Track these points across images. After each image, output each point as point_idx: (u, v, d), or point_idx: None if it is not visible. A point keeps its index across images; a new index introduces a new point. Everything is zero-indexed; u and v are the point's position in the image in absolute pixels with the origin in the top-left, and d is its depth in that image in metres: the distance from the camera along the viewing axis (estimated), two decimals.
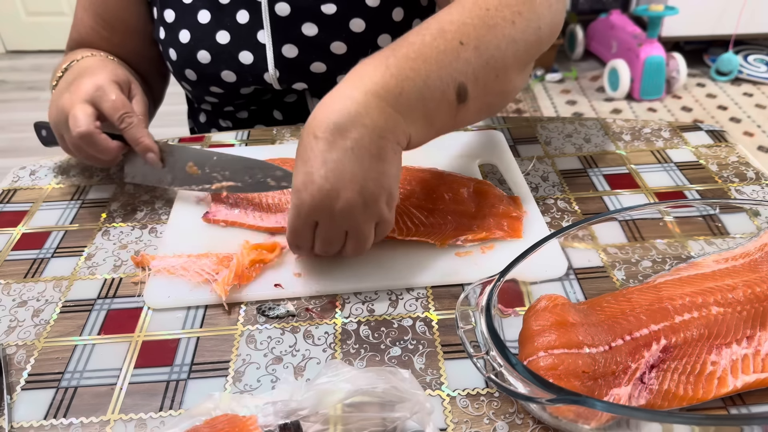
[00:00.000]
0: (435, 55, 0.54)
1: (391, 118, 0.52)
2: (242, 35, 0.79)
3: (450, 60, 0.55)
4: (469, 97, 0.57)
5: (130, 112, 0.65)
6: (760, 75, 2.85)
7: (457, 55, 0.55)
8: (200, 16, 0.79)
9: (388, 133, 0.52)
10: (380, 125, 0.51)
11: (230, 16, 0.79)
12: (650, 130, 0.80)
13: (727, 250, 0.56)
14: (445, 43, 0.55)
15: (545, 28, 0.62)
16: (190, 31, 0.80)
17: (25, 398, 0.49)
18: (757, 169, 0.71)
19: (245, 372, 0.50)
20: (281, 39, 0.78)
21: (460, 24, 0.56)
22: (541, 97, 2.82)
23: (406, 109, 0.53)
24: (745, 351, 0.46)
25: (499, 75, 0.59)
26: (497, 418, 0.46)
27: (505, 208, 0.63)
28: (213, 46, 0.80)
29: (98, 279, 0.60)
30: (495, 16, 0.57)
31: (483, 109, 0.61)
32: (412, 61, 0.53)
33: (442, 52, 0.55)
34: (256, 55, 0.79)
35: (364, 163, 0.50)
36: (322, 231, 0.54)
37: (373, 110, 0.51)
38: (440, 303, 0.56)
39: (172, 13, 0.81)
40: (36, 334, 0.55)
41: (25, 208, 0.71)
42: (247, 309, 0.56)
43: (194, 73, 0.82)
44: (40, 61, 3.25)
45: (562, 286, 0.56)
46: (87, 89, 0.65)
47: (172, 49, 0.82)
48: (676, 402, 0.44)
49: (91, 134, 0.63)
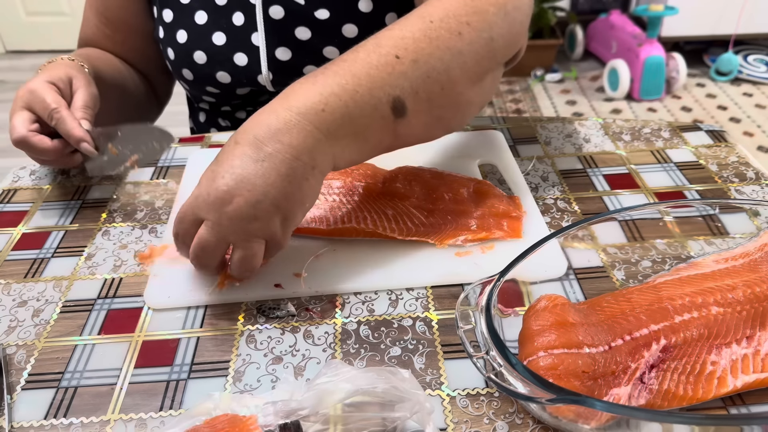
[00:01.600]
0: (366, 70, 0.53)
1: (311, 138, 0.51)
2: (237, 37, 0.79)
3: (383, 74, 0.54)
4: (408, 111, 0.55)
5: (57, 108, 0.65)
6: (759, 75, 2.85)
7: (391, 69, 0.54)
8: (197, 17, 0.80)
9: (304, 154, 0.51)
10: (297, 145, 0.51)
11: (226, 17, 0.79)
12: (650, 130, 0.80)
13: (726, 250, 0.56)
14: (379, 57, 0.54)
15: (499, 39, 0.60)
16: (187, 31, 0.80)
17: (25, 398, 0.49)
18: (757, 169, 0.71)
19: (245, 372, 0.50)
20: (275, 42, 0.79)
21: (398, 38, 0.56)
22: (541, 97, 2.82)
23: (331, 127, 0.52)
24: (744, 351, 0.46)
25: (444, 88, 0.57)
26: (497, 418, 0.46)
27: (505, 208, 0.63)
28: (209, 47, 0.80)
29: (98, 279, 0.60)
30: (439, 27, 0.56)
31: (432, 123, 0.60)
32: (340, 77, 0.53)
33: (374, 66, 0.54)
34: (250, 57, 0.80)
35: (268, 179, 0.50)
36: (203, 230, 0.52)
37: (293, 128, 0.51)
38: (440, 303, 0.56)
39: (170, 13, 0.81)
40: (36, 334, 0.55)
41: (26, 208, 0.71)
42: (246, 309, 0.56)
43: (191, 73, 0.83)
44: (40, 61, 3.22)
45: (562, 286, 0.56)
46: (22, 95, 0.67)
47: (170, 49, 0.83)
48: (676, 402, 0.44)
49: (25, 138, 0.65)
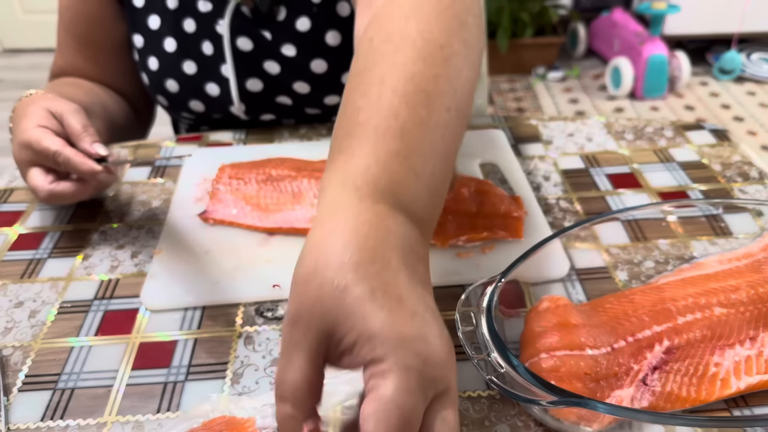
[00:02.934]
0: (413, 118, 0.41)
1: (407, 238, 0.38)
2: (208, 67, 0.78)
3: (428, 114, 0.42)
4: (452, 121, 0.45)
5: (58, 150, 0.59)
6: (763, 73, 2.84)
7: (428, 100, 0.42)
8: (166, 44, 0.78)
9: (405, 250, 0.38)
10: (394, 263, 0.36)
11: (195, 45, 0.77)
12: (653, 129, 0.79)
13: (730, 250, 0.56)
14: (411, 95, 0.42)
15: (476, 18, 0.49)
16: (158, 59, 0.79)
17: (22, 400, 0.49)
18: (761, 168, 0.71)
19: (243, 374, 0.50)
20: (244, 73, 0.77)
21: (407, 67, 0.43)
22: (543, 96, 2.81)
23: (414, 216, 0.40)
24: (748, 352, 0.46)
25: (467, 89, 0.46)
26: (498, 421, 0.45)
27: (507, 209, 0.63)
28: (180, 75, 0.79)
29: (95, 280, 0.60)
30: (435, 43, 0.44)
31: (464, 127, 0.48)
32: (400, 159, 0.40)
33: (419, 117, 0.41)
34: (221, 87, 0.79)
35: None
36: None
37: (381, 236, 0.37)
38: (441, 304, 0.55)
39: (140, 38, 0.80)
40: (32, 336, 0.54)
41: (22, 209, 0.71)
42: (245, 310, 0.56)
43: (165, 100, 0.82)
44: (37, 60, 3.24)
45: (564, 287, 0.56)
46: (22, 155, 0.61)
47: (144, 74, 0.82)
48: (679, 404, 0.44)
49: (51, 193, 0.60)
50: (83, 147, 0.60)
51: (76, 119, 0.62)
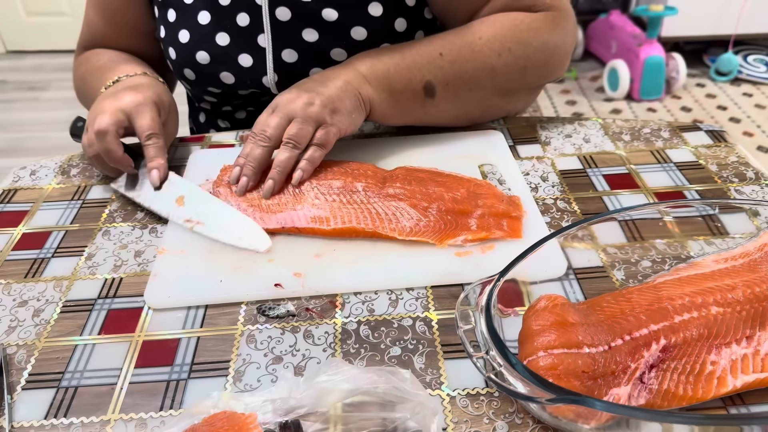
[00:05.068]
0: (413, 54, 0.72)
1: (360, 77, 0.70)
2: (242, 38, 0.79)
3: (423, 61, 0.72)
4: (437, 96, 0.73)
5: (158, 133, 0.70)
6: (759, 75, 2.85)
7: (431, 60, 0.72)
8: (200, 17, 0.79)
9: (353, 82, 0.70)
10: (350, 78, 0.70)
11: (230, 18, 0.79)
12: (650, 130, 0.80)
13: (726, 250, 0.56)
14: (426, 49, 0.72)
15: (533, 68, 0.75)
16: (190, 31, 0.80)
17: (26, 398, 0.49)
18: (757, 169, 0.71)
19: (245, 372, 0.50)
20: (281, 44, 0.78)
21: (447, 41, 0.73)
22: (541, 97, 2.81)
23: (374, 80, 0.71)
24: (744, 351, 0.46)
25: (472, 90, 0.74)
26: (497, 418, 0.46)
27: (505, 208, 0.63)
28: (212, 47, 0.80)
29: (98, 279, 0.60)
30: (483, 45, 0.72)
31: (458, 114, 0.77)
32: (393, 53, 0.72)
33: (418, 54, 0.72)
34: (255, 58, 0.80)
35: (330, 89, 0.68)
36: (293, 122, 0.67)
37: (349, 71, 0.71)
38: (440, 303, 0.56)
39: (173, 12, 0.81)
40: (36, 334, 0.55)
41: (26, 208, 0.71)
42: (247, 309, 0.56)
43: (193, 73, 0.82)
44: (40, 61, 3.25)
45: (562, 286, 0.56)
46: (128, 101, 0.69)
47: (171, 48, 0.82)
48: (676, 402, 0.44)
49: (106, 133, 0.67)
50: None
51: (170, 133, 0.76)
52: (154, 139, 0.69)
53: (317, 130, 0.67)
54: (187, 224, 0.64)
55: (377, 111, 0.72)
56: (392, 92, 0.71)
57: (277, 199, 0.66)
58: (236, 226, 0.63)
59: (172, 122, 0.76)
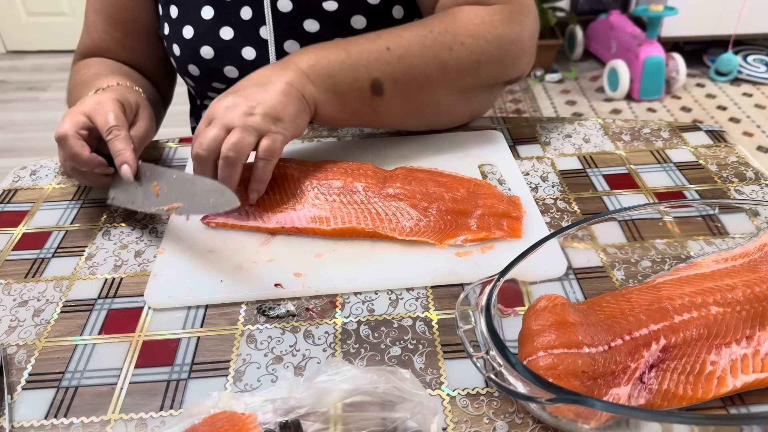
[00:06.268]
0: (358, 50, 0.68)
1: (302, 78, 0.66)
2: (245, 31, 0.79)
3: (370, 57, 0.68)
4: (385, 93, 0.69)
5: (120, 126, 0.64)
6: (759, 75, 2.85)
7: (379, 56, 0.68)
8: (204, 12, 0.80)
9: (295, 84, 0.65)
10: (291, 80, 0.65)
11: (234, 12, 0.79)
12: (650, 131, 0.80)
13: (726, 250, 0.56)
14: (373, 44, 0.68)
15: (487, 64, 0.70)
16: (194, 26, 0.80)
17: (26, 398, 0.49)
18: (757, 169, 0.72)
19: (245, 372, 0.50)
20: (283, 35, 0.79)
21: (396, 35, 0.69)
22: (541, 98, 2.82)
23: (317, 79, 0.67)
24: (744, 351, 0.46)
25: (423, 87, 0.70)
26: (497, 418, 0.46)
27: (505, 208, 0.63)
28: (216, 41, 0.80)
29: (99, 279, 0.60)
30: (434, 39, 0.68)
31: (409, 113, 0.74)
32: (335, 48, 0.68)
33: (365, 49, 0.68)
34: (258, 51, 0.80)
35: (271, 95, 0.64)
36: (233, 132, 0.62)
37: (291, 71, 0.66)
38: (440, 303, 0.56)
39: (176, 9, 0.82)
40: (36, 334, 0.55)
41: (26, 208, 0.71)
42: (247, 309, 0.56)
43: (197, 69, 0.82)
44: (40, 62, 3.25)
45: (562, 286, 0.56)
46: (87, 103, 0.66)
47: (175, 45, 0.82)
48: (676, 402, 0.44)
49: (66, 136, 0.63)
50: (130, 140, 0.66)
51: (144, 130, 0.70)
52: (116, 131, 0.64)
53: (261, 141, 0.62)
54: (169, 212, 0.62)
55: (322, 112, 0.68)
56: (337, 92, 0.68)
57: (277, 200, 0.66)
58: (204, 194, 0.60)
59: (143, 120, 0.70)
